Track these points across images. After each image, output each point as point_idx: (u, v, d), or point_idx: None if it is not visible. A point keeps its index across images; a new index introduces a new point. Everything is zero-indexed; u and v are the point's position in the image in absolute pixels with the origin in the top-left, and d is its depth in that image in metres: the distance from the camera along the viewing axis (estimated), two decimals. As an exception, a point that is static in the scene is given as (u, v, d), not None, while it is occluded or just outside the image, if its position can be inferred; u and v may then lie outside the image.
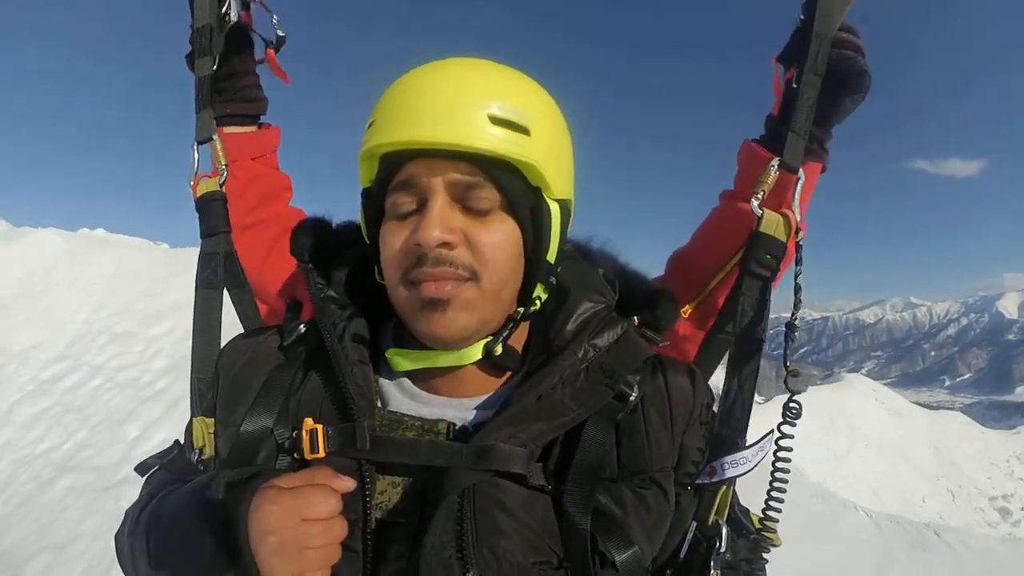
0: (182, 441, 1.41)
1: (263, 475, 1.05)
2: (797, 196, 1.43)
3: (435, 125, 1.04)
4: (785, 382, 1.32)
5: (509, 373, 1.24)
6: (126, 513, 1.26)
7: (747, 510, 1.38)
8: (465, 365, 1.18)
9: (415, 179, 1.09)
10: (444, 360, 1.17)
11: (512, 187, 1.11)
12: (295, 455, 1.15)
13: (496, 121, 1.06)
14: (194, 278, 1.63)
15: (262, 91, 1.89)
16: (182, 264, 12.78)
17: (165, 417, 8.45)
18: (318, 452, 1.11)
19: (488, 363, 1.20)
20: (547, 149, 1.13)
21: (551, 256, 1.19)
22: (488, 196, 1.09)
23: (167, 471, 1.37)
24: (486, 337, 1.17)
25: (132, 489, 6.96)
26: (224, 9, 1.71)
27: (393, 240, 1.11)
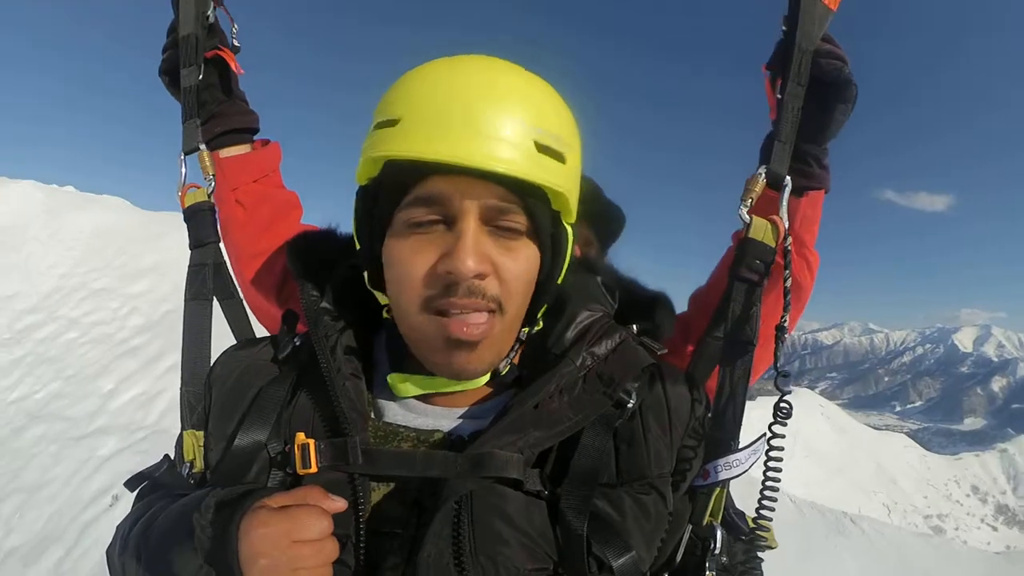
0: (172, 455, 1.40)
1: (254, 494, 1.04)
2: (785, 202, 1.42)
3: (488, 148, 0.98)
4: (776, 383, 1.33)
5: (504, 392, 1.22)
6: (117, 529, 1.25)
7: (743, 513, 1.39)
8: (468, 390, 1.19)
9: (443, 197, 1.02)
10: (452, 388, 1.17)
11: (539, 213, 1.08)
12: (287, 470, 1.14)
13: (540, 148, 1.02)
14: (184, 288, 1.60)
15: (248, 104, 1.83)
16: (161, 227, 12.86)
17: (140, 373, 8.61)
18: (310, 467, 1.10)
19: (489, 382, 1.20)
20: (575, 176, 1.12)
21: (561, 279, 1.19)
22: (519, 221, 1.06)
23: (157, 485, 1.34)
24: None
25: (104, 440, 7.16)
26: (209, 17, 1.70)
27: (414, 262, 1.05)
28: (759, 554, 1.36)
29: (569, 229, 1.17)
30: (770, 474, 1.29)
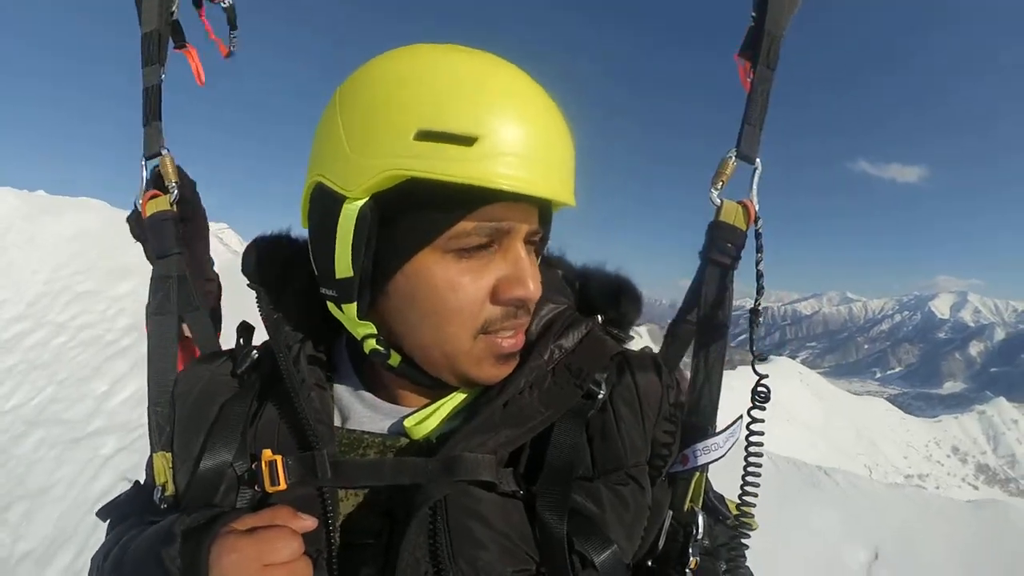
0: (142, 480, 1.37)
1: (220, 518, 1.02)
2: (754, 185, 1.43)
3: (563, 181, 1.01)
4: (752, 366, 1.30)
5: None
6: (92, 561, 1.24)
7: (722, 496, 1.37)
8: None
9: (502, 223, 1.00)
10: (465, 397, 1.15)
11: (547, 229, 1.13)
12: (256, 487, 1.11)
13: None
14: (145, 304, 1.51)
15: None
16: None
17: (131, 373, 8.58)
18: (279, 484, 1.07)
19: None
20: None
21: None
22: (540, 239, 1.10)
23: (127, 514, 1.32)
24: None
25: (105, 439, 7.16)
26: (174, 13, 1.62)
27: (469, 286, 1.01)
28: (744, 540, 1.34)
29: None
30: (751, 459, 1.27)
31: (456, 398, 1.13)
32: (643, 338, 1.47)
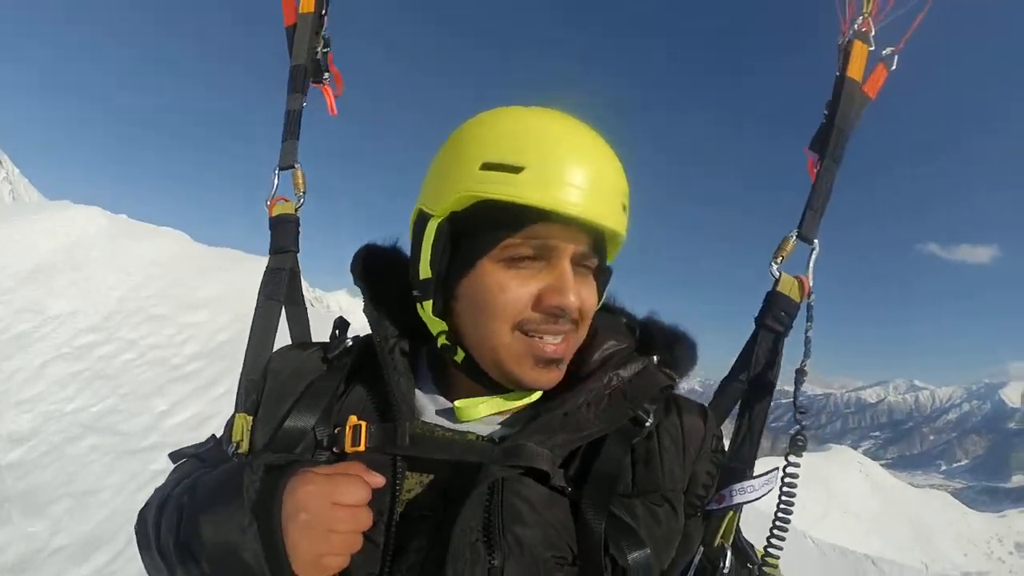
0: (218, 435, 1.46)
1: (303, 462, 1.11)
2: (811, 264, 1.56)
3: (602, 206, 1.12)
4: (795, 417, 1.41)
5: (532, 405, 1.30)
6: (155, 491, 1.31)
7: (752, 545, 1.43)
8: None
9: (550, 239, 1.13)
10: (519, 401, 1.27)
11: (603, 257, 1.23)
12: (334, 449, 1.22)
13: (623, 208, 1.19)
14: (258, 289, 1.67)
15: None
16: (218, 262, 13.38)
17: (192, 397, 8.95)
18: (359, 446, 1.19)
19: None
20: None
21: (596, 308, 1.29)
22: (592, 262, 1.20)
23: (200, 460, 1.40)
24: None
25: (156, 455, 7.47)
26: (317, 52, 1.87)
27: (515, 291, 1.14)
28: None
29: (610, 270, 1.29)
30: (783, 503, 1.37)
31: (512, 399, 1.26)
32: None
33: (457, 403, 1.26)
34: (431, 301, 1.22)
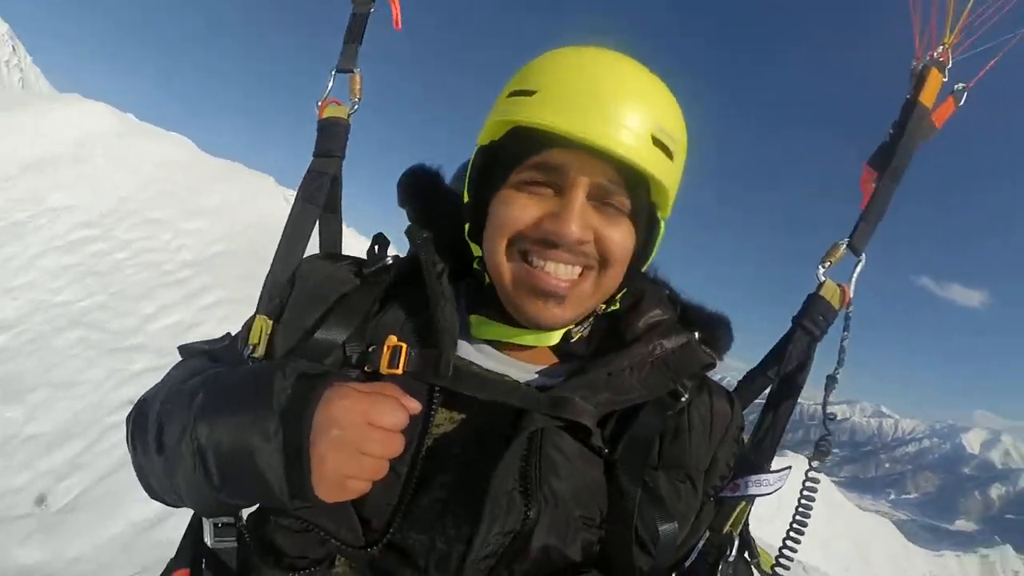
0: (233, 333, 1.44)
1: (339, 375, 1.07)
2: (855, 275, 1.56)
3: (609, 130, 1.07)
4: (824, 423, 1.47)
5: (575, 361, 1.30)
6: (158, 384, 1.28)
7: (755, 539, 1.45)
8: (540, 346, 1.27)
9: (560, 166, 1.11)
10: (525, 339, 1.24)
11: (640, 199, 1.17)
12: (365, 368, 1.17)
13: (655, 141, 1.11)
14: (297, 189, 1.61)
15: None
16: (224, 172, 13.39)
17: (181, 304, 8.95)
18: (397, 368, 1.14)
19: (558, 346, 1.27)
20: (677, 176, 1.21)
21: (646, 267, 1.30)
22: (622, 202, 1.14)
23: (212, 359, 1.38)
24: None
25: (139, 356, 7.54)
26: None
27: (517, 211, 1.14)
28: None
29: (662, 223, 1.25)
30: (804, 502, 1.41)
31: (521, 335, 1.24)
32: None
33: (471, 316, 1.28)
34: (468, 224, 1.26)
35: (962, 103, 1.66)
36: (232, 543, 1.26)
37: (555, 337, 1.24)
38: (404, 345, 1.16)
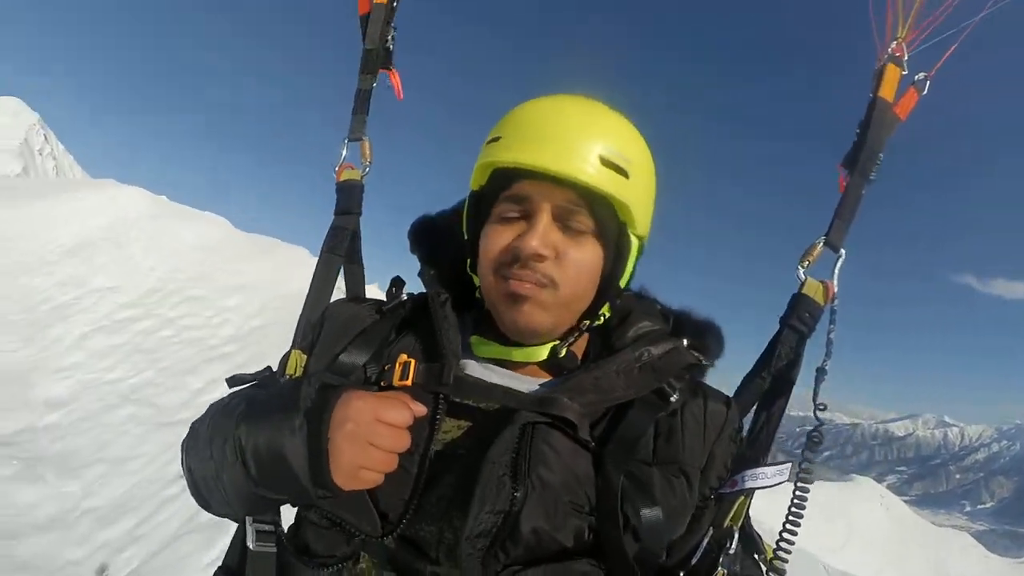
0: (274, 368, 1.57)
1: (354, 385, 1.26)
2: (837, 270, 1.62)
3: (557, 157, 1.19)
4: (814, 414, 1.51)
5: (567, 372, 1.36)
6: (209, 406, 1.39)
7: (762, 537, 1.49)
8: (532, 362, 1.34)
9: (526, 196, 1.24)
10: (516, 355, 1.33)
11: (604, 218, 1.25)
12: (381, 384, 1.30)
13: (604, 162, 1.21)
14: (321, 244, 1.78)
15: None
16: (259, 248, 13.58)
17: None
18: (407, 380, 1.26)
19: (552, 363, 1.34)
20: (638, 193, 1.29)
21: (623, 282, 1.35)
22: (584, 221, 1.24)
23: (257, 387, 1.50)
24: (554, 341, 1.32)
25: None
26: (387, 40, 1.99)
27: (496, 240, 1.26)
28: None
29: (634, 239, 1.34)
30: (796, 499, 1.45)
31: (516, 354, 1.33)
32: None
33: (472, 337, 1.39)
34: (468, 259, 1.39)
35: (925, 92, 1.73)
36: (272, 548, 1.40)
37: (543, 352, 1.32)
38: (413, 361, 1.28)
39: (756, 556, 1.46)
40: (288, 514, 1.35)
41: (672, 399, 1.32)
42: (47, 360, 9.11)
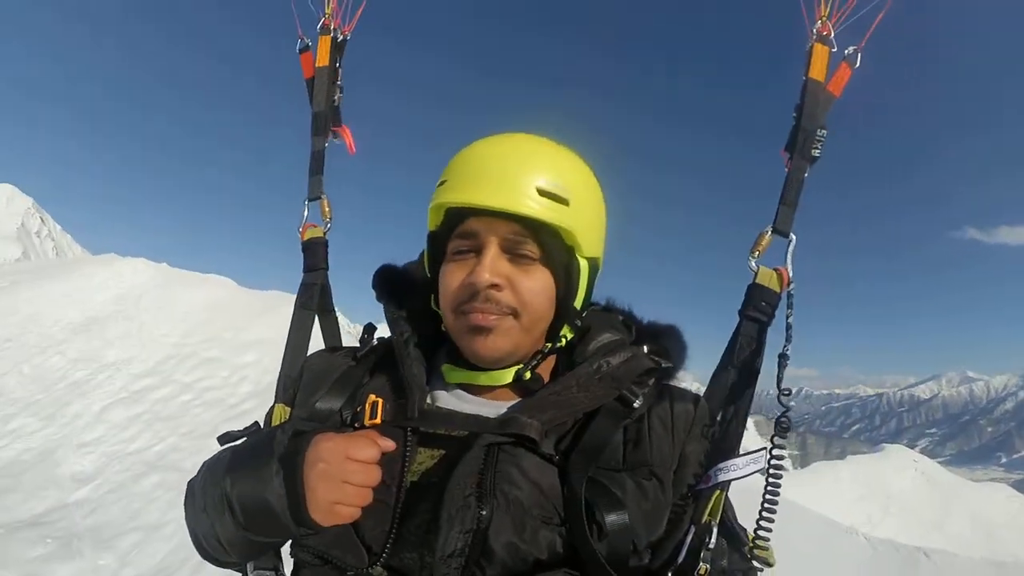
0: (260, 423, 1.62)
1: (324, 428, 1.30)
2: (789, 255, 1.62)
3: (495, 193, 1.25)
4: (778, 399, 1.50)
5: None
6: (202, 464, 1.42)
7: (745, 529, 1.49)
8: (500, 386, 1.38)
9: (474, 232, 1.30)
10: (482, 379, 1.37)
11: (550, 245, 1.30)
12: (355, 425, 1.33)
13: (542, 193, 1.26)
14: (294, 301, 1.91)
15: None
16: (266, 304, 13.69)
17: None
18: (376, 418, 1.30)
19: (519, 386, 1.37)
20: (581, 218, 1.33)
21: (578, 303, 1.38)
22: (531, 250, 1.29)
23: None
24: (517, 364, 1.36)
25: None
26: (335, 100, 2.08)
27: (451, 278, 1.32)
28: (758, 571, 1.48)
29: (583, 262, 1.37)
30: (770, 485, 1.45)
31: (482, 378, 1.38)
32: (750, 430, 1.58)
33: (443, 366, 1.43)
34: (434, 296, 1.43)
35: (858, 65, 1.74)
36: None
37: (508, 376, 1.37)
38: (380, 400, 1.33)
39: (741, 549, 1.46)
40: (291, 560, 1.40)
41: (635, 404, 1.35)
42: (69, 437, 9.18)
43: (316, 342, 1.81)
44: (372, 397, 1.34)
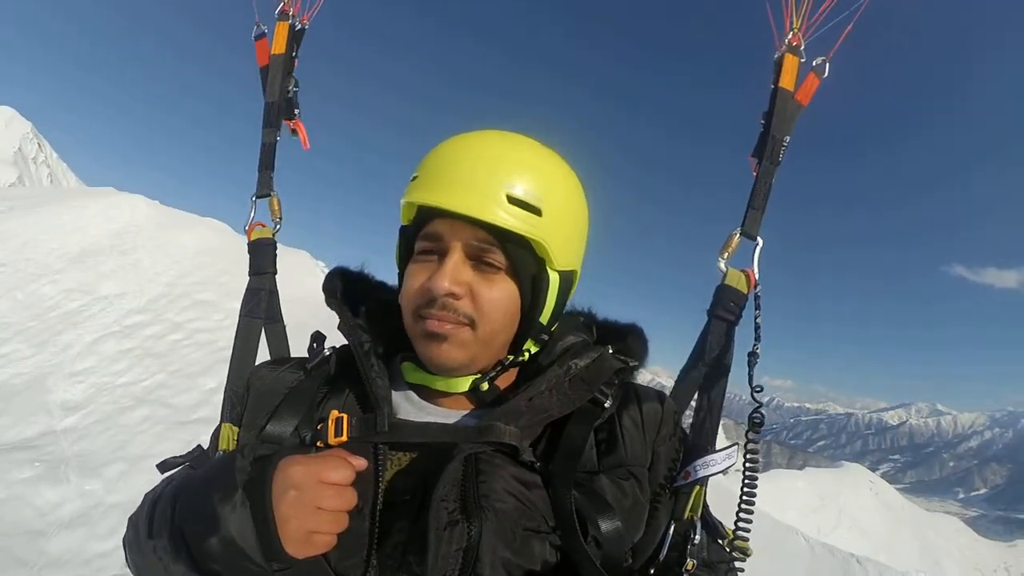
0: (204, 446, 1.54)
1: (289, 450, 1.21)
2: (756, 258, 1.66)
3: (464, 197, 1.19)
4: (752, 396, 1.51)
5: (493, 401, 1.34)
6: (144, 497, 1.31)
7: (722, 523, 1.51)
8: (456, 393, 1.33)
9: (440, 235, 1.23)
10: (439, 384, 1.32)
11: (518, 256, 1.24)
12: (318, 444, 1.26)
13: (513, 201, 1.20)
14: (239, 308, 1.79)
15: None
16: None
17: None
18: (342, 436, 1.23)
19: (477, 395, 1.33)
20: (555, 229, 1.26)
21: (544, 318, 1.32)
22: (497, 259, 1.23)
23: (190, 468, 1.46)
24: (475, 374, 1.31)
25: (205, 428, 7.62)
26: (289, 91, 2.00)
27: (413, 280, 1.26)
28: (736, 561, 1.50)
29: (554, 275, 1.31)
30: (747, 480, 1.48)
31: (441, 383, 1.32)
32: (720, 436, 1.61)
33: (403, 364, 1.38)
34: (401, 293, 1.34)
35: (826, 75, 1.77)
36: None
37: (464, 384, 1.31)
38: (345, 415, 1.26)
39: (720, 541, 1.48)
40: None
41: (606, 405, 1.33)
42: (60, 365, 9.24)
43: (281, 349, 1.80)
44: (335, 413, 1.27)
